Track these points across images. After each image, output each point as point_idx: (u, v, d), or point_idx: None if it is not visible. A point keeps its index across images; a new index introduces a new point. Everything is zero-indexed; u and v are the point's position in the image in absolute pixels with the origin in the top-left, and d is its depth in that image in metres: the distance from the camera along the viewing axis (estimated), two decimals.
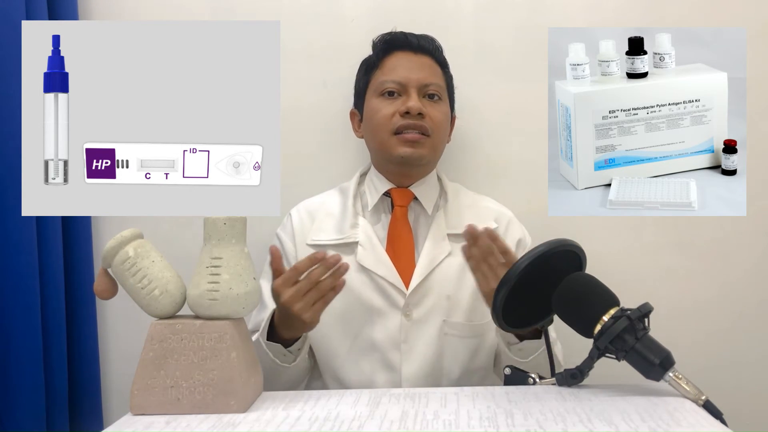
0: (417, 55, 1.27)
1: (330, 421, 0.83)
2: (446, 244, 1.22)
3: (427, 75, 1.25)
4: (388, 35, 1.30)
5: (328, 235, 1.24)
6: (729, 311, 1.44)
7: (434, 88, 1.25)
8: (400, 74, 1.24)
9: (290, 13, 1.45)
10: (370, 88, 1.27)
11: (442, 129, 1.26)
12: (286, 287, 1.03)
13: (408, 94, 1.23)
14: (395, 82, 1.24)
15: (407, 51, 1.27)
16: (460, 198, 1.30)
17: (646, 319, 0.92)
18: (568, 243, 1.00)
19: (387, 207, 1.27)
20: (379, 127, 1.23)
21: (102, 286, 0.92)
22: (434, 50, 1.29)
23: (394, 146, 1.22)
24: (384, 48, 1.28)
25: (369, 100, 1.27)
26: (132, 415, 0.88)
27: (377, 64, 1.28)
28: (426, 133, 1.22)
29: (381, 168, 1.28)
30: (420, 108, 1.21)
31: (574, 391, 0.95)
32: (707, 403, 0.86)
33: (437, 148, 1.26)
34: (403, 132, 1.21)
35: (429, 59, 1.28)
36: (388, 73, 1.25)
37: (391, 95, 1.24)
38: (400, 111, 1.21)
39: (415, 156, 1.22)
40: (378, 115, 1.23)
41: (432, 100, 1.25)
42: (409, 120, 1.21)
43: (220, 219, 0.90)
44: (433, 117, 1.23)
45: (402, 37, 1.28)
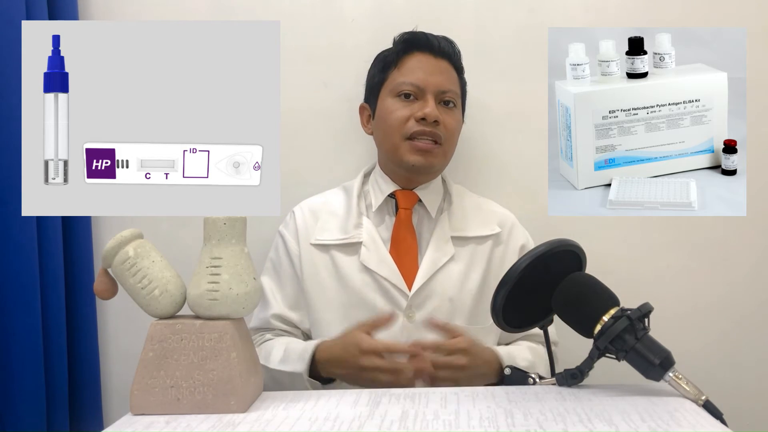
0: (437, 59, 1.25)
1: (330, 421, 0.83)
2: (449, 246, 1.22)
3: (445, 80, 1.23)
4: (409, 34, 1.27)
5: (333, 234, 1.24)
6: (729, 311, 1.44)
7: (451, 95, 1.23)
8: (418, 77, 1.22)
9: (290, 13, 1.45)
10: (386, 87, 1.25)
11: (455, 137, 1.26)
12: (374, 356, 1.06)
13: (425, 99, 1.21)
14: (413, 85, 1.22)
15: (427, 53, 1.24)
16: (464, 201, 1.30)
17: (646, 319, 0.92)
18: (568, 243, 1.00)
19: (391, 208, 1.27)
20: (392, 129, 1.22)
21: (102, 286, 0.92)
22: (453, 54, 1.27)
23: (405, 152, 1.21)
24: (404, 47, 1.25)
25: (383, 98, 1.25)
26: (132, 415, 0.88)
27: (396, 62, 1.25)
28: (438, 142, 1.21)
29: (387, 169, 1.28)
30: (436, 116, 1.19)
31: (574, 391, 0.95)
32: (707, 403, 0.86)
33: (448, 155, 1.26)
34: (416, 138, 1.20)
35: (447, 64, 1.26)
36: (406, 74, 1.23)
37: (407, 97, 1.22)
38: (416, 116, 1.20)
39: (426, 165, 1.21)
40: (392, 116, 1.22)
41: (447, 107, 1.23)
42: (424, 127, 1.19)
43: (220, 219, 0.90)
44: (448, 125, 1.22)
45: (423, 38, 1.26)
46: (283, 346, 1.19)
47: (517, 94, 1.43)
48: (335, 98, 1.43)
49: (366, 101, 1.32)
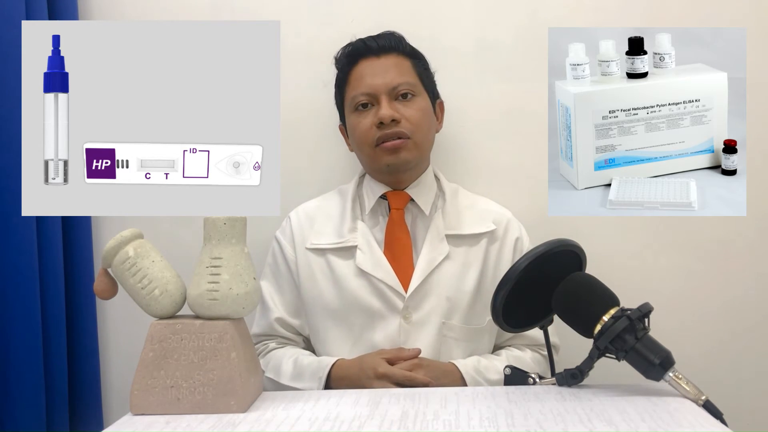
0: (380, 58, 1.24)
1: (330, 421, 0.83)
2: (444, 245, 1.22)
3: (394, 76, 1.22)
4: (348, 46, 1.28)
5: (328, 238, 1.24)
6: (729, 311, 1.44)
7: (404, 87, 1.22)
8: (366, 84, 1.22)
9: (290, 13, 1.44)
10: (346, 105, 1.27)
11: (423, 126, 1.24)
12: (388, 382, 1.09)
13: (379, 102, 1.21)
14: (364, 94, 1.22)
15: (370, 57, 1.25)
16: (459, 199, 1.29)
17: (646, 319, 0.92)
18: (568, 243, 1.00)
19: (384, 210, 1.27)
20: (361, 142, 1.23)
21: (102, 286, 0.92)
22: (396, 45, 1.26)
23: (378, 157, 1.22)
24: (347, 61, 1.27)
25: (348, 116, 1.27)
26: (132, 415, 0.88)
27: (345, 78, 1.27)
28: (405, 137, 1.21)
29: (374, 176, 1.28)
30: (392, 115, 1.19)
31: (574, 391, 0.95)
32: (707, 403, 0.86)
33: (421, 146, 1.24)
34: (383, 142, 1.21)
35: (394, 57, 1.25)
36: (355, 86, 1.24)
37: (365, 107, 1.23)
38: (375, 122, 1.20)
39: (400, 162, 1.21)
40: (357, 130, 1.23)
41: (405, 100, 1.23)
42: (385, 130, 1.20)
43: (220, 219, 0.90)
44: (409, 117, 1.21)
45: (361, 45, 1.26)
46: (291, 359, 1.19)
47: (517, 94, 1.43)
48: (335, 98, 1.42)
49: (341, 122, 1.33)
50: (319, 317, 1.22)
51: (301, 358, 1.19)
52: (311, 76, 1.44)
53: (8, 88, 1.25)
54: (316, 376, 1.14)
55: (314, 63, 1.44)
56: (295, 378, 1.17)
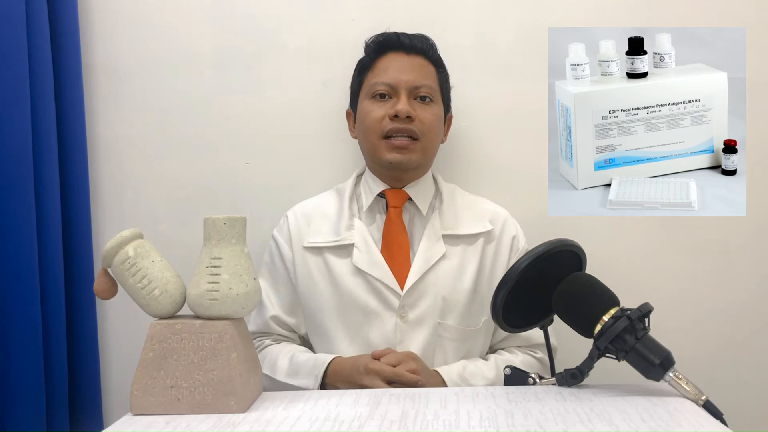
0: (409, 56, 1.26)
1: (330, 421, 0.83)
2: (441, 245, 1.22)
3: (418, 76, 1.24)
4: (381, 36, 1.29)
5: (324, 237, 1.24)
6: (729, 311, 1.44)
7: (425, 89, 1.24)
8: (390, 76, 1.23)
9: (290, 13, 1.44)
10: (363, 90, 1.27)
11: (433, 131, 1.25)
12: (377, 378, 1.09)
13: (398, 96, 1.22)
14: (385, 84, 1.23)
15: (399, 52, 1.26)
16: (456, 199, 1.29)
17: (646, 319, 0.92)
18: (568, 243, 1.00)
19: (382, 208, 1.27)
20: (369, 130, 1.23)
21: (102, 286, 0.92)
22: (427, 49, 1.28)
23: (383, 151, 1.22)
24: (376, 49, 1.28)
25: (361, 101, 1.27)
26: (132, 415, 0.88)
27: (369, 65, 1.27)
28: (415, 137, 1.21)
29: (374, 170, 1.28)
30: (409, 111, 1.20)
31: (574, 391, 0.95)
32: (707, 403, 0.86)
33: (428, 150, 1.25)
34: (392, 137, 1.21)
35: (421, 59, 1.26)
36: (379, 74, 1.25)
37: (382, 97, 1.23)
38: (390, 114, 1.21)
39: (404, 161, 1.21)
40: (368, 117, 1.23)
41: (423, 102, 1.24)
42: (398, 124, 1.20)
43: (220, 219, 0.90)
44: (423, 119, 1.22)
45: (394, 38, 1.27)
46: (287, 356, 1.20)
47: (517, 94, 1.43)
48: (335, 98, 1.42)
49: (350, 106, 1.33)
50: (316, 315, 1.22)
51: (298, 355, 1.19)
52: (311, 76, 1.44)
53: (8, 88, 1.24)
54: (313, 374, 1.15)
55: (314, 63, 1.44)
56: (291, 375, 1.17)
